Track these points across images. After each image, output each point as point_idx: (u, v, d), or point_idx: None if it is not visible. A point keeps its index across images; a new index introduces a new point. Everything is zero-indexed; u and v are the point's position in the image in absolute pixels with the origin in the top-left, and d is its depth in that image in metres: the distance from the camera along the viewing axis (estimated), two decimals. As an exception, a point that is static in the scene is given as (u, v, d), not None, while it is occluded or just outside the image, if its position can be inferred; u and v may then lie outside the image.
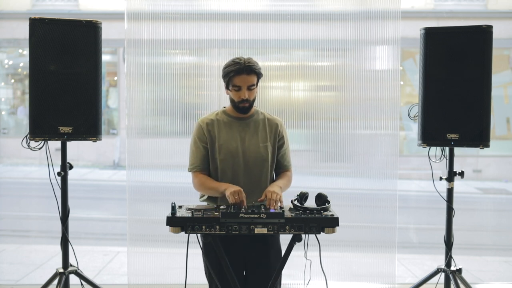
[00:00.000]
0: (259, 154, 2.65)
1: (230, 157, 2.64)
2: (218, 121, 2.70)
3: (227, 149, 2.64)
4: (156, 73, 3.97)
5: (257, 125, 2.71)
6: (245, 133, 2.68)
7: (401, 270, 4.76)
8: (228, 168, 2.64)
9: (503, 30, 10.58)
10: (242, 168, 2.64)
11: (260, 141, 2.68)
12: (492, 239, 6.84)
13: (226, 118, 2.71)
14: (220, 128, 2.68)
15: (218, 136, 2.67)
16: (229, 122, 2.70)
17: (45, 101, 2.93)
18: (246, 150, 2.65)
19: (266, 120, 2.74)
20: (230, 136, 2.67)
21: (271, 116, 2.79)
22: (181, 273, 3.80)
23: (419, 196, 9.44)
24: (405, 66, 11.17)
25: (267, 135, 2.71)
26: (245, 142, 2.67)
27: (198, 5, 3.97)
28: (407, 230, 6.87)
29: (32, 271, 4.74)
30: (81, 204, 8.09)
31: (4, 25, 11.60)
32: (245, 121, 2.70)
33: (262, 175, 2.66)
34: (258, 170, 2.65)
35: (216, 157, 2.66)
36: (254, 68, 2.58)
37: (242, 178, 2.63)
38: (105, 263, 5.01)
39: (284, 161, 2.78)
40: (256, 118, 2.73)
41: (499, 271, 5.08)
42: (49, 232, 6.41)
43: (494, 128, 11.60)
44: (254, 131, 2.70)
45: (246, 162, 2.64)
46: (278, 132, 2.73)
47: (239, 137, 2.67)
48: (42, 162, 9.11)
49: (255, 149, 2.66)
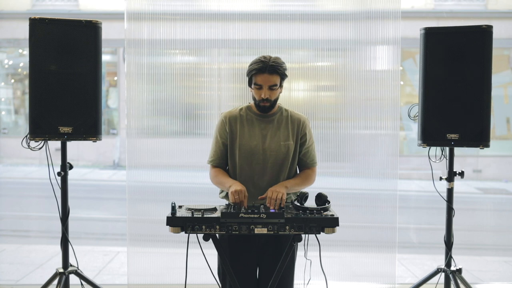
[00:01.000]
0: (279, 153, 2.63)
1: (250, 154, 2.63)
2: (241, 116, 2.69)
3: (248, 147, 2.63)
4: (156, 73, 3.97)
5: (280, 123, 2.69)
6: (267, 131, 2.67)
7: (401, 270, 4.76)
8: (247, 165, 2.64)
9: (503, 30, 10.58)
10: (261, 166, 2.63)
11: (281, 139, 2.66)
12: (492, 239, 6.84)
13: (249, 114, 2.70)
14: (242, 124, 2.67)
15: (239, 133, 2.66)
16: (251, 119, 2.69)
17: (45, 101, 2.93)
18: (266, 149, 2.64)
19: (289, 118, 2.71)
20: (251, 133, 2.66)
21: (295, 113, 2.75)
22: (181, 273, 3.80)
23: (419, 196, 9.44)
24: (405, 66, 11.17)
25: (289, 133, 2.68)
26: (266, 140, 2.65)
27: (198, 5, 3.97)
28: (407, 230, 6.87)
29: (32, 271, 4.74)
30: (81, 204, 8.09)
31: (4, 25, 11.59)
32: (268, 118, 2.68)
33: (281, 173, 2.64)
34: (277, 169, 2.64)
35: (236, 153, 2.65)
36: (278, 68, 2.54)
37: (260, 176, 2.62)
38: (105, 263, 5.01)
39: (307, 159, 2.75)
40: (280, 116, 2.71)
41: (499, 271, 5.08)
42: (49, 232, 6.41)
43: (494, 128, 11.60)
44: (277, 129, 2.67)
45: (265, 160, 2.63)
46: (301, 129, 2.70)
47: (260, 134, 2.66)
48: (42, 162, 9.13)
49: (276, 147, 2.64)
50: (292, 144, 2.67)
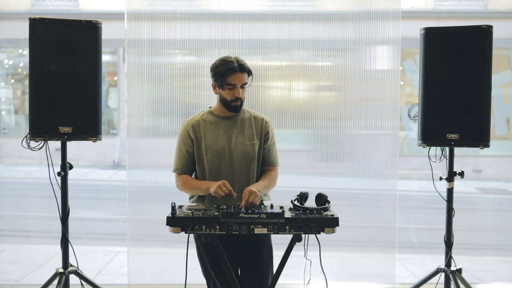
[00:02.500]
0: (246, 153, 2.66)
1: (217, 157, 2.65)
2: (204, 121, 2.71)
3: (214, 149, 2.65)
4: (156, 73, 3.97)
5: (244, 124, 2.72)
6: (232, 132, 2.69)
7: (401, 270, 4.76)
8: (216, 168, 2.65)
9: (503, 30, 10.58)
10: (230, 167, 2.65)
11: (246, 139, 2.69)
12: (492, 239, 6.84)
13: (212, 118, 2.72)
14: (206, 128, 2.69)
15: (204, 137, 2.68)
16: (215, 121, 2.71)
17: (45, 101, 2.93)
18: (233, 149, 2.66)
19: (252, 118, 2.75)
20: (216, 136, 2.68)
21: (257, 114, 2.80)
22: (181, 273, 3.80)
23: (419, 196, 9.43)
24: (405, 66, 11.17)
25: (254, 132, 2.71)
26: (232, 141, 2.67)
27: (198, 5, 3.97)
28: (407, 230, 6.87)
29: (32, 271, 4.74)
30: (81, 204, 8.09)
31: (4, 25, 11.59)
32: (231, 120, 2.71)
33: (250, 173, 2.67)
34: (246, 169, 2.66)
35: (203, 158, 2.67)
36: (246, 67, 2.62)
37: (230, 177, 2.63)
38: (105, 263, 5.01)
39: (270, 157, 2.77)
40: (243, 117, 2.74)
41: (499, 271, 5.08)
42: (49, 232, 6.41)
43: (494, 128, 11.60)
44: (241, 129, 2.70)
45: (233, 161, 2.65)
46: (264, 128, 2.74)
47: (225, 136, 2.68)
48: (42, 162, 9.13)
49: (242, 147, 2.66)
50: (257, 143, 2.70)
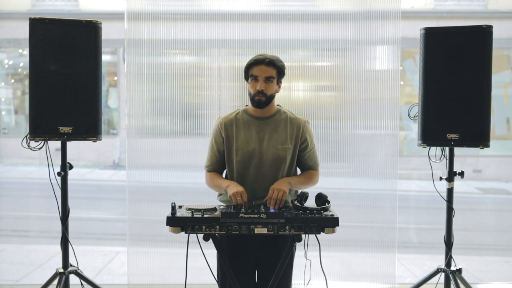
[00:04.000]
0: (277, 156, 2.59)
1: (247, 158, 2.59)
2: (237, 120, 2.65)
3: (245, 150, 2.60)
4: (156, 73, 3.97)
5: (278, 126, 2.64)
6: (264, 133, 2.62)
7: (401, 270, 4.76)
8: (245, 169, 2.61)
9: (503, 30, 10.58)
10: (259, 170, 2.60)
11: (279, 142, 2.61)
12: (492, 239, 6.84)
13: (246, 117, 2.66)
14: (238, 128, 2.63)
15: (236, 137, 2.62)
16: (248, 121, 2.64)
17: (45, 101, 2.93)
18: (264, 152, 2.59)
19: (288, 120, 2.65)
20: (248, 137, 2.61)
21: (295, 116, 2.70)
22: (181, 273, 3.80)
23: (419, 196, 9.44)
24: (405, 66, 11.17)
25: (288, 135, 2.63)
26: (264, 144, 2.60)
27: (198, 5, 3.97)
28: (407, 230, 6.87)
29: (32, 271, 4.74)
30: (81, 204, 8.09)
31: (4, 25, 11.60)
32: (265, 121, 2.64)
33: (279, 177, 2.60)
34: (274, 172, 2.60)
35: (233, 158, 2.62)
36: (275, 62, 2.54)
37: (258, 180, 2.59)
38: (105, 263, 5.01)
39: (310, 162, 2.72)
40: (278, 118, 2.65)
41: (499, 271, 5.08)
42: (49, 232, 6.41)
43: (494, 128, 11.60)
44: (274, 131, 2.62)
45: (263, 164, 2.59)
46: (301, 133, 2.65)
47: (257, 138, 2.61)
48: (42, 162, 9.13)
49: (273, 151, 2.59)
50: (290, 147, 2.62)
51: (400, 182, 4.09)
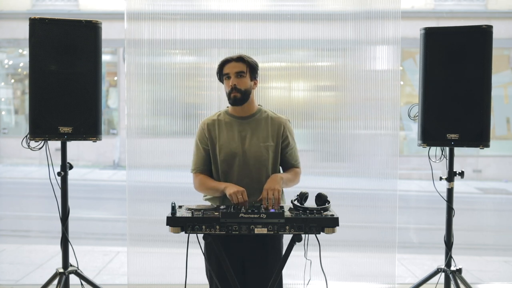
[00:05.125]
0: (259, 154, 2.63)
1: (230, 157, 2.63)
2: (219, 121, 2.69)
3: (228, 150, 2.63)
4: (156, 73, 3.97)
5: (259, 124, 2.68)
6: (246, 132, 2.66)
7: (401, 270, 4.76)
8: (229, 169, 2.63)
9: (503, 30, 10.59)
10: (243, 169, 2.62)
11: (260, 140, 2.65)
12: (492, 239, 6.84)
13: (227, 118, 2.70)
14: (221, 128, 2.68)
15: (218, 137, 2.66)
16: (230, 122, 2.69)
17: (45, 101, 2.93)
18: (246, 151, 2.63)
19: (269, 119, 2.70)
20: (230, 137, 2.65)
21: (276, 115, 2.74)
22: (181, 273, 3.80)
23: (419, 196, 9.44)
24: (405, 66, 11.18)
25: (269, 134, 2.67)
26: (246, 142, 2.65)
27: (198, 5, 3.97)
28: (407, 230, 6.87)
29: (32, 271, 4.74)
30: (81, 204, 8.09)
31: (4, 25, 11.60)
32: (246, 120, 2.69)
33: (263, 175, 2.64)
34: (258, 170, 2.64)
35: (217, 158, 2.65)
36: (243, 57, 2.61)
37: (243, 178, 2.62)
38: (105, 263, 5.01)
39: (292, 160, 2.75)
40: (259, 117, 2.70)
41: (499, 271, 5.08)
42: (49, 232, 6.41)
43: (494, 128, 11.60)
44: (255, 130, 2.67)
45: (246, 162, 2.63)
46: (282, 131, 2.69)
47: (239, 137, 2.65)
48: (42, 162, 9.12)
49: (255, 149, 2.63)
50: (272, 145, 2.66)
51: (400, 182, 4.09)
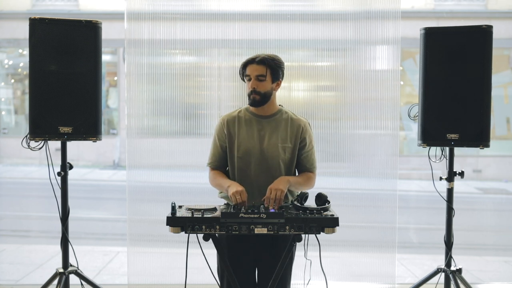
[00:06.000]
0: (277, 154, 2.62)
1: (248, 155, 2.62)
2: (239, 118, 2.69)
3: (246, 147, 2.62)
4: (156, 73, 3.97)
5: (279, 125, 2.67)
6: (265, 132, 2.65)
7: (401, 270, 4.76)
8: (246, 167, 2.63)
9: (503, 30, 10.59)
10: (259, 168, 2.61)
11: (279, 141, 2.64)
12: (492, 239, 6.84)
13: (248, 115, 2.69)
14: (240, 125, 2.67)
15: (237, 134, 2.65)
16: (249, 119, 2.68)
17: (45, 101, 2.93)
18: (264, 150, 2.62)
19: (289, 120, 2.68)
20: (250, 134, 2.65)
21: (296, 116, 2.73)
22: (181, 273, 3.80)
23: (419, 196, 9.44)
24: (405, 66, 11.18)
25: (288, 135, 2.65)
26: (264, 142, 2.64)
27: (198, 5, 3.97)
28: (407, 230, 6.87)
29: (32, 271, 4.74)
30: (81, 204, 8.09)
31: (4, 25, 11.60)
32: (266, 119, 2.67)
33: (278, 175, 2.61)
34: (275, 171, 2.62)
35: (234, 154, 2.65)
36: (267, 60, 2.56)
37: (259, 177, 2.61)
38: (105, 263, 5.01)
39: (307, 163, 2.72)
40: (279, 118, 2.68)
41: (499, 271, 5.08)
42: (49, 232, 6.41)
43: (494, 128, 11.61)
44: (275, 130, 2.65)
45: (263, 161, 2.61)
46: (300, 133, 2.67)
47: (258, 135, 2.64)
48: (42, 162, 9.13)
49: (273, 149, 2.62)
50: (290, 146, 2.65)
51: (400, 182, 4.09)
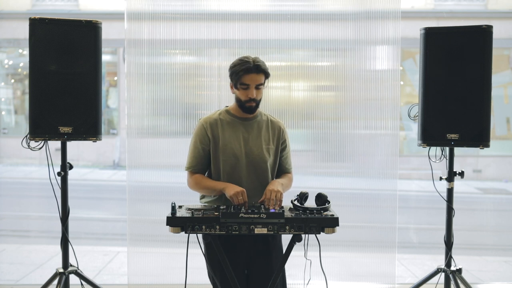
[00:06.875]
0: (262, 156, 2.64)
1: (233, 158, 2.62)
2: (221, 120, 2.68)
3: (231, 150, 2.62)
4: (156, 73, 3.97)
5: (261, 127, 2.70)
6: (249, 134, 2.66)
7: (401, 270, 4.76)
8: (231, 169, 2.62)
9: (503, 30, 10.58)
10: (245, 170, 2.62)
11: (263, 143, 2.66)
12: (492, 239, 6.84)
13: (229, 118, 2.69)
14: (223, 128, 2.66)
15: (222, 137, 2.64)
16: (232, 122, 2.68)
17: (45, 101, 2.93)
18: (249, 152, 2.63)
19: (269, 122, 2.73)
20: (234, 137, 2.65)
21: (274, 119, 2.78)
22: (181, 273, 3.80)
23: (419, 196, 9.44)
24: (405, 66, 11.17)
25: (270, 137, 2.69)
26: (249, 144, 2.65)
27: (198, 5, 3.97)
28: (407, 230, 6.87)
29: (32, 271, 4.74)
30: (81, 204, 8.09)
31: (4, 25, 11.59)
32: (248, 121, 2.69)
33: (265, 177, 2.65)
34: (260, 172, 2.64)
35: (219, 157, 2.64)
36: (263, 68, 2.57)
37: (244, 179, 2.62)
38: (105, 263, 5.01)
39: (286, 164, 2.79)
40: (260, 120, 2.71)
41: (499, 271, 5.08)
42: (49, 232, 6.41)
43: (494, 128, 11.60)
44: (258, 132, 2.68)
45: (249, 163, 2.63)
46: (281, 135, 2.73)
47: (242, 138, 2.65)
48: (42, 162, 9.13)
49: (258, 151, 2.64)
50: (273, 148, 2.69)
51: (400, 182, 4.09)
